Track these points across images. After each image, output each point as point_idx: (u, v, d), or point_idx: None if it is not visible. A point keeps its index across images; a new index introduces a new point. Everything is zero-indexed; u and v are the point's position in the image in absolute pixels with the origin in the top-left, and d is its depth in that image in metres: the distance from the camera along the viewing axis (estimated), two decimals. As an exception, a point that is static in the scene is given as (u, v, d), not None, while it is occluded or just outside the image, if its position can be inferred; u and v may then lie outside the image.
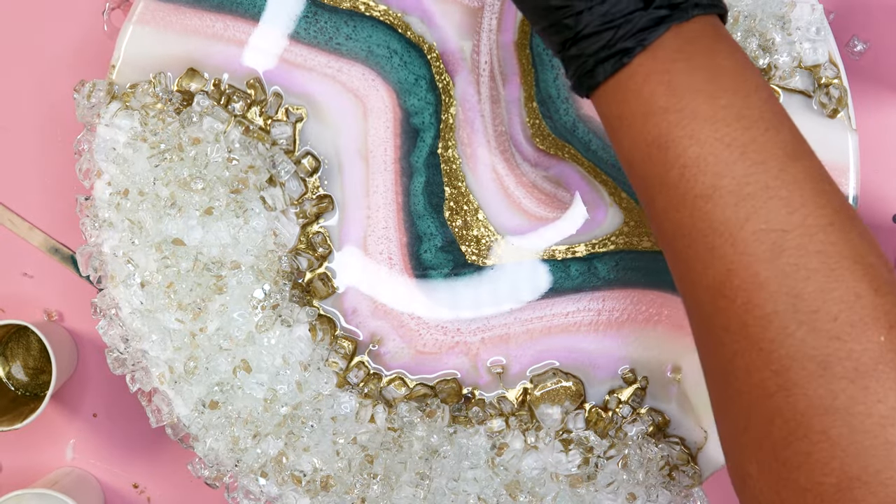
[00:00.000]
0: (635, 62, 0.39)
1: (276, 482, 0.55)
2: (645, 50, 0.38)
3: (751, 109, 0.38)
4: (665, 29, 0.38)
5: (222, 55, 0.57)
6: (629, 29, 0.38)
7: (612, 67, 0.39)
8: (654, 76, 0.38)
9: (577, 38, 0.39)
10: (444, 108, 0.57)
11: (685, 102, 0.38)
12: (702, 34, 0.39)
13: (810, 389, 0.35)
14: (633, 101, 0.39)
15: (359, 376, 0.57)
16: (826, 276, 0.36)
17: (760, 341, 0.36)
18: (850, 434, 0.35)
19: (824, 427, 0.35)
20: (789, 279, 0.36)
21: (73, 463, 0.65)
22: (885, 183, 0.62)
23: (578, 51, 0.40)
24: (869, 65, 0.62)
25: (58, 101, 0.63)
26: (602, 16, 0.38)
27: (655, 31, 0.38)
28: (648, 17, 0.38)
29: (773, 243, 0.36)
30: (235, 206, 0.55)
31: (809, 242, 0.36)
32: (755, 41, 0.54)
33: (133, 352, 0.56)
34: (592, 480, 0.55)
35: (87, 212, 0.56)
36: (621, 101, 0.39)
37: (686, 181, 0.38)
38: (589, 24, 0.39)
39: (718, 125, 0.37)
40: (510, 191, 0.57)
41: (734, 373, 0.38)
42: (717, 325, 0.38)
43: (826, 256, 0.36)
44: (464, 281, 0.58)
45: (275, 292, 0.56)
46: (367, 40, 0.57)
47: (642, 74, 0.39)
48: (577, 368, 0.57)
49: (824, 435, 0.35)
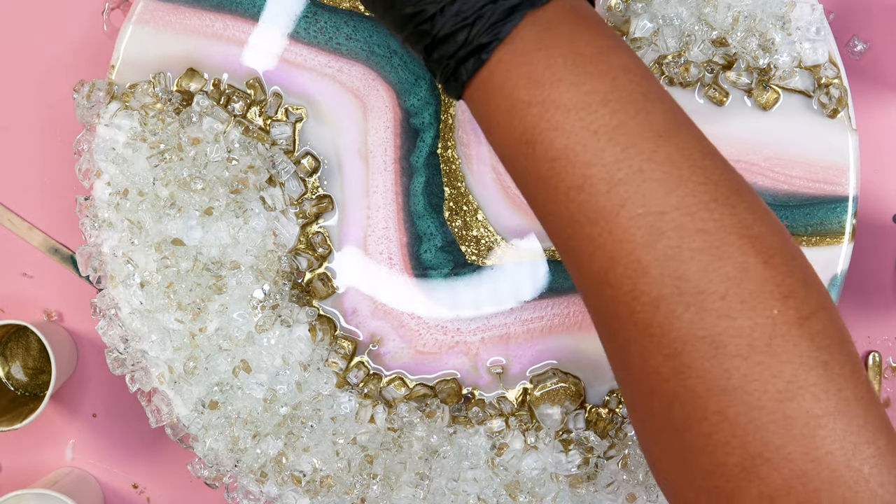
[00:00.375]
0: (494, 58, 0.38)
1: (276, 482, 0.55)
2: (502, 43, 0.37)
3: (618, 92, 0.37)
4: (519, 18, 0.37)
5: (222, 55, 0.57)
6: (483, 24, 0.37)
7: (472, 66, 0.38)
8: (514, 69, 0.37)
9: (435, 42, 0.38)
10: (443, 109, 0.57)
11: (547, 93, 0.37)
12: (560, 20, 0.38)
13: (704, 370, 0.35)
14: (498, 98, 0.38)
15: (359, 376, 0.57)
16: (710, 255, 0.35)
17: (650, 327, 0.36)
18: (747, 412, 0.34)
19: (721, 407, 0.35)
20: (671, 262, 0.35)
21: (72, 463, 0.65)
22: (885, 183, 0.62)
23: (439, 54, 0.39)
24: (869, 65, 0.62)
25: (57, 101, 0.63)
26: (455, 15, 0.37)
27: (509, 21, 0.37)
28: (500, 8, 0.37)
29: (650, 227, 0.35)
30: (235, 207, 0.55)
31: (690, 222, 0.35)
32: (755, 41, 0.54)
33: (133, 352, 0.56)
34: (592, 480, 0.55)
35: (86, 212, 0.56)
36: (487, 99, 0.39)
37: (556, 174, 0.37)
38: (444, 26, 0.38)
39: (583, 113, 0.36)
40: (510, 191, 0.57)
41: (630, 361, 0.37)
42: (608, 315, 0.37)
43: (707, 234, 0.35)
44: (464, 281, 0.57)
45: (275, 292, 0.56)
46: (367, 40, 0.57)
47: (502, 69, 0.38)
48: (577, 368, 0.57)
49: (722, 415, 0.35)
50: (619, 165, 0.36)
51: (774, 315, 0.35)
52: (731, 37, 0.55)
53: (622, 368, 0.38)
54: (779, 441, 0.34)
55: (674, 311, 0.35)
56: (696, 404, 0.35)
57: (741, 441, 0.34)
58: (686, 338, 0.35)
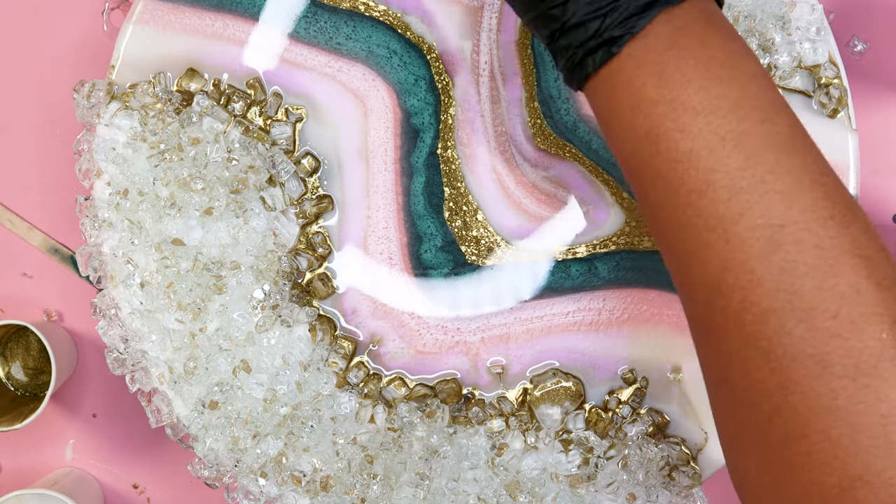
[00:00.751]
0: (624, 52, 0.37)
1: (276, 482, 0.55)
2: (634, 38, 0.37)
3: (746, 100, 0.37)
4: (654, 15, 0.37)
5: (222, 55, 0.57)
6: (617, 16, 0.37)
7: (601, 58, 0.38)
8: (644, 66, 0.37)
9: (564, 29, 0.38)
10: (443, 109, 0.57)
11: (676, 93, 0.36)
12: (694, 20, 0.37)
13: (809, 388, 0.35)
14: (623, 93, 0.38)
15: (359, 376, 0.57)
16: (824, 272, 0.35)
17: (758, 339, 0.36)
18: (851, 433, 0.34)
19: (825, 426, 0.35)
20: (786, 275, 0.35)
21: (72, 463, 0.65)
22: (885, 183, 0.62)
23: (567, 42, 0.38)
24: (869, 65, 0.62)
25: (58, 101, 0.63)
26: (588, 4, 0.37)
27: (644, 17, 0.37)
28: (636, 2, 0.37)
29: (769, 238, 0.35)
30: (235, 207, 0.55)
31: (807, 237, 0.35)
32: (755, 41, 0.54)
33: (133, 352, 0.56)
34: (592, 481, 0.55)
35: (86, 212, 0.56)
36: (611, 93, 0.38)
37: (678, 176, 0.37)
38: (575, 14, 0.37)
39: (711, 117, 0.36)
40: (510, 191, 0.57)
41: (732, 371, 0.37)
42: (714, 323, 0.37)
43: (823, 251, 0.35)
44: (464, 280, 0.57)
45: (275, 292, 0.56)
46: (366, 40, 0.57)
47: (632, 65, 0.37)
48: (577, 368, 0.57)
49: (824, 434, 0.35)
50: (743, 174, 0.36)
51: (883, 339, 0.35)
52: (731, 37, 0.55)
53: (719, 378, 0.38)
54: (880, 465, 0.34)
55: (784, 325, 0.35)
56: (798, 421, 0.35)
57: (842, 462, 0.34)
58: (794, 354, 0.35)
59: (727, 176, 0.36)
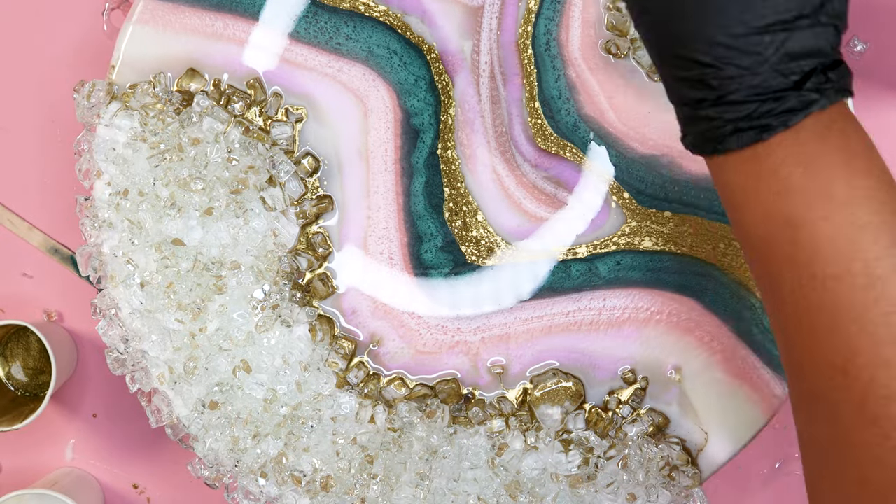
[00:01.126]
0: (775, 140, 0.39)
1: (276, 482, 0.55)
2: (787, 129, 0.38)
3: (881, 192, 0.38)
4: (810, 112, 0.38)
5: (222, 55, 0.57)
6: (775, 106, 0.38)
7: (748, 139, 0.39)
8: (792, 157, 0.38)
9: (718, 102, 0.39)
10: (443, 109, 0.57)
11: (821, 184, 0.38)
12: (837, 116, 0.39)
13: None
14: (768, 178, 0.39)
15: (359, 376, 0.57)
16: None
17: (880, 419, 0.37)
18: None
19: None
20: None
21: (72, 463, 0.65)
22: (886, 183, 0.62)
23: (716, 114, 0.39)
24: (869, 65, 0.62)
25: (58, 101, 0.63)
26: (753, 87, 0.38)
27: (801, 113, 0.38)
28: (798, 99, 0.38)
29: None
30: (235, 207, 0.55)
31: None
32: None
33: (133, 352, 0.56)
34: (592, 481, 0.55)
35: (86, 212, 0.56)
36: (752, 175, 0.39)
37: (818, 262, 0.38)
38: (736, 92, 0.38)
39: (853, 207, 0.38)
40: (510, 191, 0.57)
41: (848, 444, 0.39)
42: (834, 400, 0.39)
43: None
44: (464, 280, 0.57)
45: (275, 293, 0.56)
46: (367, 41, 0.57)
47: (781, 153, 0.39)
48: (577, 368, 0.57)
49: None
50: (879, 263, 0.38)
51: None
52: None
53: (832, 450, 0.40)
54: None
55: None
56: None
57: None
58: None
59: (865, 264, 0.38)
